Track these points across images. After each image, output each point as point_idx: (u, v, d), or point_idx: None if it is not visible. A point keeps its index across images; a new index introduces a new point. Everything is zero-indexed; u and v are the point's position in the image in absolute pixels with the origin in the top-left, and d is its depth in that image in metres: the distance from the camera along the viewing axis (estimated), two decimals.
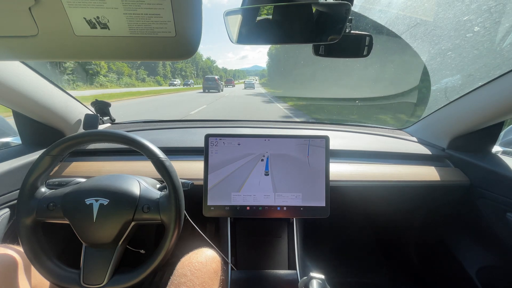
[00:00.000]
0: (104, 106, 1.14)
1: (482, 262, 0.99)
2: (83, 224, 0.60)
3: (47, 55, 0.34)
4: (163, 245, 0.61)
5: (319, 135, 0.80)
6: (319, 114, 9.98)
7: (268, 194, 0.79)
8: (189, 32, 0.32)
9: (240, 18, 0.49)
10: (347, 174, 0.95)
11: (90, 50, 0.34)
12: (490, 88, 0.88)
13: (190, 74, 78.43)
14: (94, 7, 0.29)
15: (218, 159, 0.79)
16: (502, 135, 1.20)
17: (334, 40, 0.50)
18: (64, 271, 0.60)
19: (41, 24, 0.30)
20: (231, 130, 1.22)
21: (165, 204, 0.62)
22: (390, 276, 1.32)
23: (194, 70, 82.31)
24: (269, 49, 71.25)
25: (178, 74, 73.51)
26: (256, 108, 10.51)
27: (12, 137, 1.10)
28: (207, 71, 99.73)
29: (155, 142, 0.67)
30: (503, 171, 0.87)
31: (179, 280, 0.62)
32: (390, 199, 1.07)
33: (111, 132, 0.64)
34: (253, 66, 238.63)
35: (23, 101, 0.83)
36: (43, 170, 0.61)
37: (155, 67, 65.04)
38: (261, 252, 0.86)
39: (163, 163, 0.63)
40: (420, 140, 1.19)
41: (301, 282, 0.57)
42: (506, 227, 0.85)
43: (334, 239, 1.43)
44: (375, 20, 1.65)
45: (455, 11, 1.70)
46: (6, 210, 0.78)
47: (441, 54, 1.81)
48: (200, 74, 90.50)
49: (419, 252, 1.29)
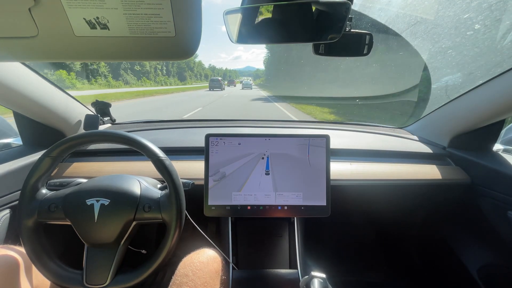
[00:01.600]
0: (104, 107, 1.14)
1: (483, 260, 0.99)
2: (84, 225, 0.60)
3: (47, 55, 0.34)
4: (164, 244, 0.62)
5: (319, 134, 0.80)
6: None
7: (269, 194, 0.79)
8: (189, 32, 0.32)
9: (240, 17, 0.49)
10: (347, 173, 0.95)
11: (90, 51, 0.34)
12: (491, 86, 0.87)
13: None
14: (93, 7, 0.29)
15: (218, 159, 0.79)
16: (503, 133, 1.19)
17: (334, 39, 0.50)
18: (66, 271, 0.60)
19: (41, 25, 0.30)
20: (231, 130, 1.22)
21: (166, 203, 0.63)
22: (392, 275, 1.32)
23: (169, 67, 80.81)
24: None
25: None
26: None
27: (13, 138, 1.10)
28: (185, 68, 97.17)
29: (155, 142, 0.67)
30: (504, 170, 0.86)
31: (181, 280, 0.62)
32: (391, 198, 1.06)
33: (110, 132, 0.64)
34: (246, 67, 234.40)
35: (24, 102, 0.83)
36: (44, 172, 0.62)
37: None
38: (262, 251, 0.86)
39: (162, 162, 0.63)
40: (421, 138, 1.19)
41: (302, 281, 0.57)
42: (507, 225, 0.85)
43: (335, 238, 1.43)
44: (375, 18, 1.65)
45: (456, 9, 1.69)
46: (8, 211, 0.78)
47: (441, 52, 1.80)
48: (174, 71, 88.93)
49: (420, 251, 1.29)
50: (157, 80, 65.09)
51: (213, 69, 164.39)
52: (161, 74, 69.57)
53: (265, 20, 0.49)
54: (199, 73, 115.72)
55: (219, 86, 27.74)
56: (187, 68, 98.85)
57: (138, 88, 33.68)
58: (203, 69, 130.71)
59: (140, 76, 53.91)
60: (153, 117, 7.71)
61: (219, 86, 27.79)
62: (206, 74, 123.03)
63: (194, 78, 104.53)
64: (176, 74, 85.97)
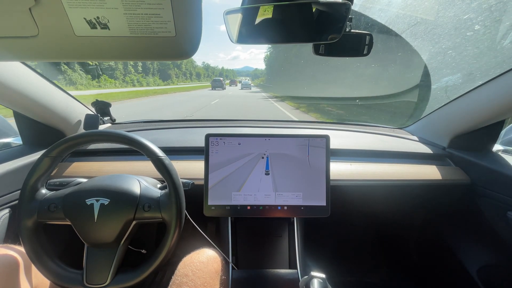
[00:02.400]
0: (104, 106, 1.14)
1: (483, 261, 0.99)
2: (84, 225, 0.60)
3: (47, 55, 0.34)
4: (164, 243, 0.62)
5: (319, 135, 0.80)
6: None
7: (268, 194, 0.79)
8: (189, 32, 0.32)
9: (240, 17, 0.49)
10: (347, 173, 0.95)
11: (90, 50, 0.34)
12: (490, 87, 0.87)
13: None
14: (94, 7, 0.29)
15: (218, 159, 0.79)
16: (503, 134, 1.19)
17: (334, 39, 0.50)
18: (66, 271, 0.60)
19: (41, 25, 0.30)
20: (231, 130, 1.22)
21: (165, 202, 0.63)
22: (391, 275, 1.32)
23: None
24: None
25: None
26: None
27: (13, 137, 1.10)
28: (170, 66, 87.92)
29: (155, 142, 0.67)
30: (504, 170, 0.87)
31: (181, 280, 0.62)
32: (391, 198, 1.06)
33: (109, 132, 0.64)
34: (244, 67, 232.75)
35: (24, 101, 0.83)
36: (43, 172, 0.62)
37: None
38: (262, 251, 0.86)
39: (162, 161, 0.63)
40: (420, 139, 1.19)
41: (302, 281, 0.57)
42: (507, 225, 0.85)
43: (335, 239, 1.43)
44: (375, 19, 1.65)
45: (456, 10, 1.69)
46: (8, 210, 0.78)
47: (441, 52, 1.80)
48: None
49: (420, 251, 1.29)
50: (126, 79, 48.25)
51: (207, 67, 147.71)
52: (134, 72, 53.89)
53: (265, 20, 0.49)
54: (188, 72, 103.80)
55: (220, 85, 31.03)
56: (173, 66, 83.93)
57: (88, 91, 23.05)
58: (194, 67, 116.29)
59: (99, 73, 33.70)
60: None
61: (221, 85, 31.10)
62: (198, 73, 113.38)
63: (182, 77, 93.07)
64: (157, 72, 71.45)
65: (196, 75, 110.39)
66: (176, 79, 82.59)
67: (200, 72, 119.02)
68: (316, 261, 1.18)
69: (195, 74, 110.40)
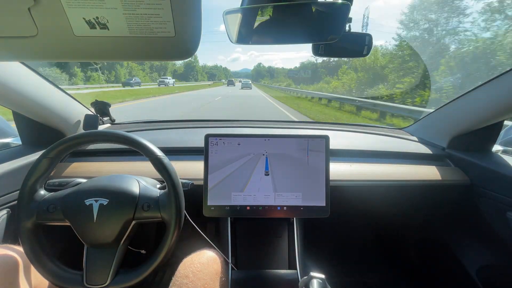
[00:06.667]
0: (104, 107, 1.14)
1: (482, 261, 0.99)
2: (83, 225, 0.60)
3: (47, 55, 0.34)
4: (164, 243, 0.61)
5: (319, 135, 0.80)
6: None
7: (268, 194, 0.79)
8: (189, 32, 0.32)
9: (239, 17, 0.49)
10: (347, 173, 0.95)
11: (89, 50, 0.34)
12: (490, 87, 0.87)
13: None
14: (93, 7, 0.29)
15: (218, 159, 0.79)
16: (502, 134, 1.20)
17: (334, 39, 0.50)
18: (66, 272, 0.60)
19: (40, 25, 0.30)
20: (231, 130, 1.22)
21: (165, 202, 0.63)
22: (391, 275, 1.32)
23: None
24: None
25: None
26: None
27: (12, 137, 1.10)
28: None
29: (154, 142, 0.67)
30: (503, 170, 0.87)
31: (181, 281, 0.62)
32: (390, 199, 1.06)
33: (108, 132, 0.64)
34: (243, 69, 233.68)
35: (23, 101, 0.82)
36: (42, 173, 0.61)
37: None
38: (262, 252, 0.86)
39: (161, 160, 0.63)
40: (420, 139, 1.19)
41: (301, 281, 0.56)
42: (507, 226, 0.85)
43: (335, 239, 1.43)
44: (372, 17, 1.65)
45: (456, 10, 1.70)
46: (6, 210, 0.78)
47: (441, 53, 1.81)
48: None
49: (419, 251, 1.29)
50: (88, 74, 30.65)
51: (204, 67, 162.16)
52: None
53: (265, 20, 0.49)
54: (201, 74, 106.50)
55: (232, 83, 47.48)
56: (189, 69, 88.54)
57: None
58: (209, 68, 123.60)
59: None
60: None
61: (233, 83, 47.65)
62: (213, 73, 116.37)
63: (200, 76, 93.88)
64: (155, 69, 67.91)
65: (210, 76, 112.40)
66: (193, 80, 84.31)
67: (214, 73, 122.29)
68: (316, 261, 1.17)
69: (207, 77, 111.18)
